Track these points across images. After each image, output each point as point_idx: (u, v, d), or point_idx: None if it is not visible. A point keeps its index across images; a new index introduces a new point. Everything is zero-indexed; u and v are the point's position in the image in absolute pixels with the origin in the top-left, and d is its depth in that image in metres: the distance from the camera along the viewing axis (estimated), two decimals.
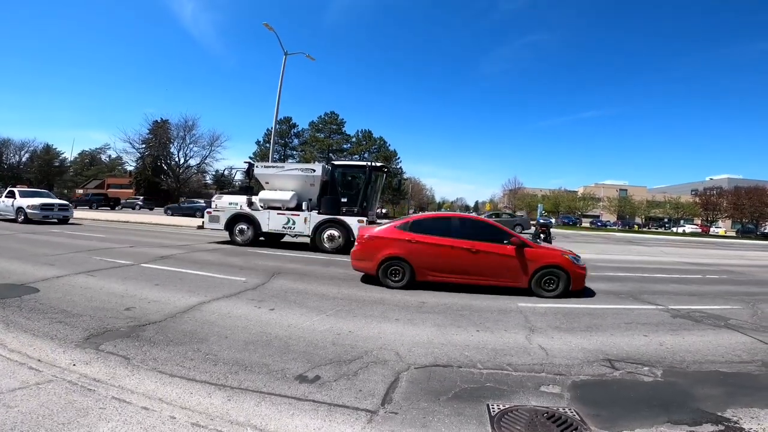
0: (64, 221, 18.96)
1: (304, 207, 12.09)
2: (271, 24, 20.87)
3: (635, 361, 3.85)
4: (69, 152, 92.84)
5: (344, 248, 11.35)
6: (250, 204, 12.49)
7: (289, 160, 62.20)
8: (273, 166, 13.16)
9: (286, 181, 12.36)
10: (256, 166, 12.97)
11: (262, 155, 59.30)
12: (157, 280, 6.68)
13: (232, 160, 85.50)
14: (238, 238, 12.40)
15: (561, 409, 2.82)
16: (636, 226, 64.05)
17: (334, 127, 66.94)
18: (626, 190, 79.89)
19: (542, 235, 17.27)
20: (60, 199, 22.31)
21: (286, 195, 12.09)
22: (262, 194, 12.48)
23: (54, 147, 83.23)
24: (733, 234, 54.94)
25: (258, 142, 66.09)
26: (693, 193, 71.69)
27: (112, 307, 4.93)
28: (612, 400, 3.01)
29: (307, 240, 12.07)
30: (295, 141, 68.88)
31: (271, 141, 24.73)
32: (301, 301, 5.71)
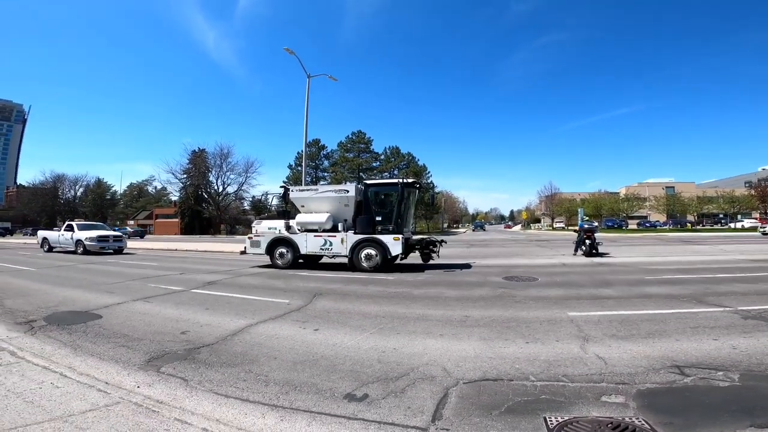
0: (119, 251, 20.29)
1: (340, 228, 12.22)
2: (291, 48, 21.80)
3: (707, 366, 3.55)
4: (118, 185, 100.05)
5: (382, 266, 11.36)
6: (288, 228, 12.80)
7: (321, 182, 63.57)
8: (307, 189, 13.49)
9: (320, 203, 12.59)
10: (291, 191, 13.30)
11: (294, 179, 61.08)
12: (207, 304, 6.95)
13: (267, 185, 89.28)
14: (279, 262, 12.70)
15: (627, 419, 2.63)
16: (689, 225, 59.94)
17: (362, 146, 67.98)
18: (673, 187, 75.33)
19: (588, 241, 15.44)
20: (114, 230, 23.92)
21: (322, 217, 12.28)
22: (299, 217, 12.76)
23: (105, 180, 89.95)
24: None
25: (290, 166, 68.19)
26: (747, 185, 66.42)
27: (169, 331, 5.17)
28: (685, 407, 2.78)
29: (345, 260, 12.17)
30: (326, 162, 70.49)
31: (303, 164, 25.40)
32: (344, 321, 5.74)
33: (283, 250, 12.68)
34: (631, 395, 3.02)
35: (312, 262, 13.56)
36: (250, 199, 71.03)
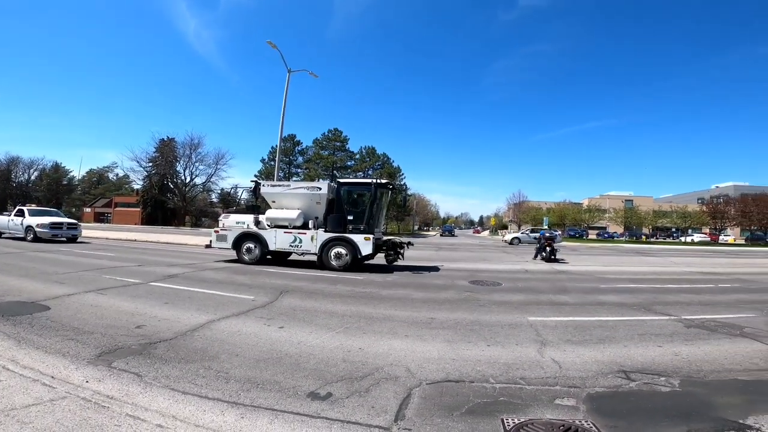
0: (72, 240, 19.17)
1: (310, 225, 12.10)
2: (274, 41, 21.40)
3: (651, 372, 3.79)
4: (77, 171, 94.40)
5: (351, 266, 11.35)
6: (257, 223, 12.55)
7: (294, 178, 62.59)
8: (279, 185, 13.27)
9: (292, 199, 12.43)
10: (263, 185, 13.04)
11: (267, 173, 59.85)
12: (166, 298, 6.71)
13: (238, 178, 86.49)
14: (246, 257, 12.42)
15: (577, 422, 2.77)
16: (643, 237, 63.44)
17: (338, 144, 67.44)
18: (632, 200, 79.54)
19: (548, 248, 17.09)
20: (68, 218, 22.58)
21: (293, 213, 12.13)
22: (269, 213, 12.54)
23: (63, 165, 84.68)
24: (743, 242, 54.22)
25: (263, 160, 66.71)
26: (699, 201, 71.19)
27: (123, 324, 4.95)
28: (630, 411, 2.96)
29: (314, 258, 12.08)
30: (300, 159, 69.39)
31: (276, 159, 24.97)
32: (310, 319, 5.70)
33: (251, 245, 12.41)
34: (582, 398, 3.18)
35: (280, 258, 13.35)
36: (219, 192, 68.94)
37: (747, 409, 2.97)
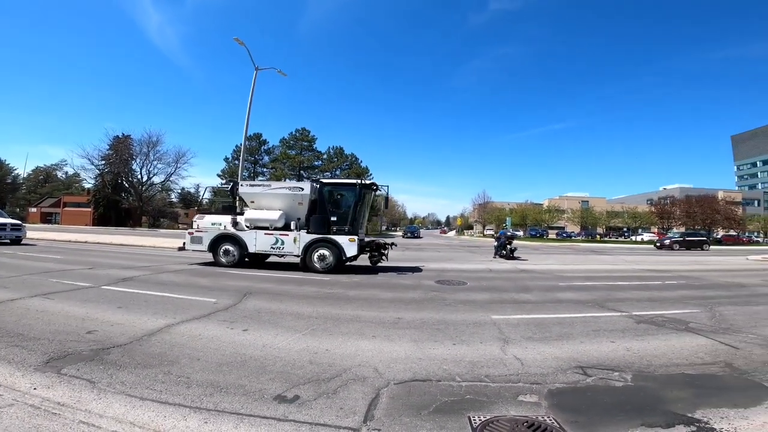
0: (16, 242, 17.80)
1: (292, 227, 11.79)
2: (243, 39, 20.76)
3: (605, 367, 3.99)
4: (22, 168, 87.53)
5: (335, 268, 11.22)
6: (235, 224, 12.05)
7: (259, 178, 61.22)
8: (259, 185, 12.83)
9: (272, 200, 12.02)
10: (241, 185, 12.51)
11: (231, 172, 58.10)
12: (120, 302, 6.36)
13: (199, 177, 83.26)
14: (224, 260, 11.90)
15: (540, 418, 2.88)
16: (598, 236, 66.86)
17: (306, 143, 66.51)
18: (588, 201, 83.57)
19: (508, 246, 19.17)
20: (12, 218, 20.95)
21: (274, 214, 11.74)
22: (248, 214, 12.08)
23: (6, 162, 78.35)
24: None
25: (227, 159, 64.70)
26: (648, 202, 75.81)
27: (73, 330, 4.65)
28: (587, 406, 3.10)
29: (295, 260, 11.78)
30: (266, 158, 67.84)
31: (241, 158, 24.28)
32: (276, 321, 5.58)
33: (229, 247, 11.89)
34: (543, 395, 3.30)
35: (258, 261, 12.93)
36: (179, 191, 66.01)
37: (695, 403, 3.16)
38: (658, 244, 37.06)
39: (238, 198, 12.78)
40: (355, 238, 11.39)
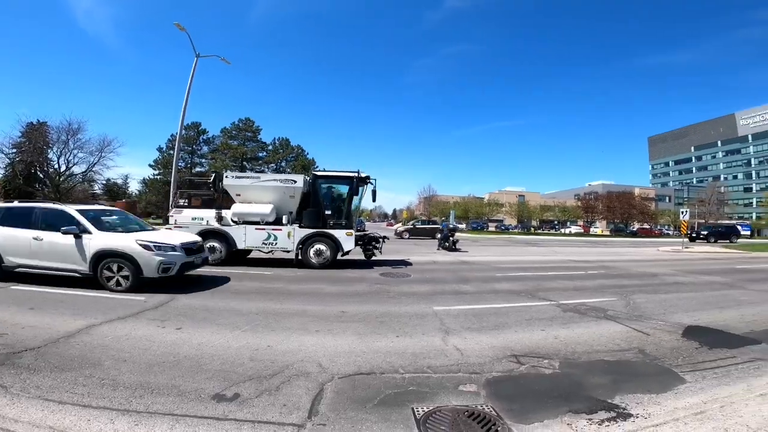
0: None
1: (284, 221, 11.16)
2: (186, 26, 19.13)
3: (536, 355, 4.28)
4: None
5: (332, 263, 10.89)
6: (220, 219, 11.10)
7: (197, 168, 57.63)
8: (247, 177, 11.85)
9: (262, 193, 11.21)
10: (226, 176, 11.52)
11: (164, 162, 53.93)
12: (32, 303, 5.75)
13: (129, 167, 75.52)
14: (209, 258, 10.96)
15: (479, 407, 3.02)
16: (532, 229, 71.53)
17: (250, 134, 63.23)
18: (524, 195, 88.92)
19: (451, 239, 20.06)
20: None
21: (266, 208, 10.99)
22: (237, 207, 11.17)
23: None
24: (608, 233, 64.09)
25: (160, 149, 59.66)
26: (576, 197, 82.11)
27: None
28: (521, 394, 3.30)
29: (288, 255, 11.21)
30: (205, 148, 63.46)
31: (176, 147, 22.56)
32: (213, 318, 5.33)
33: (215, 244, 10.88)
34: (482, 384, 3.48)
35: (238, 257, 11.90)
36: (104, 182, 59.99)
37: (614, 389, 3.44)
38: (693, 235, 36.45)
39: (221, 190, 11.67)
40: (353, 231, 11.19)
